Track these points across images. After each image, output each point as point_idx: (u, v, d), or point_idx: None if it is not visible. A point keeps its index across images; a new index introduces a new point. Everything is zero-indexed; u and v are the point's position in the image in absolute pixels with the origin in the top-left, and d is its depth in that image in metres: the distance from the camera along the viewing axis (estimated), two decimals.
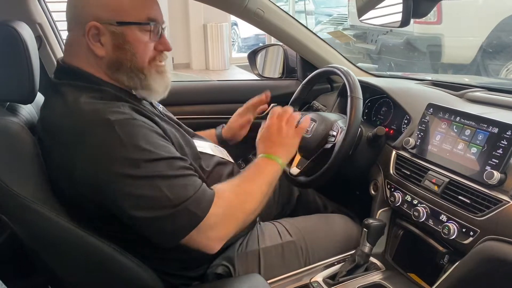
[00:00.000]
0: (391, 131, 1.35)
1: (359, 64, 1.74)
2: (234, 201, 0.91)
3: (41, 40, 1.35)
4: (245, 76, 6.62)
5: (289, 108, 1.09)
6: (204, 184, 0.88)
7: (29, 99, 0.95)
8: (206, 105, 1.72)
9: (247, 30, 8.56)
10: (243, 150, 1.80)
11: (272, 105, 1.81)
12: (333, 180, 1.19)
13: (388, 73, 2.14)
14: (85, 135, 0.82)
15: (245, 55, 1.87)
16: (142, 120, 0.86)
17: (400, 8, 0.83)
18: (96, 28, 0.88)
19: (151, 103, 1.05)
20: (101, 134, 0.81)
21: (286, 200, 1.39)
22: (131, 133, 0.82)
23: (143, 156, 0.82)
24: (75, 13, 0.92)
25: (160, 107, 1.12)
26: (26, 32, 0.92)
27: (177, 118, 1.15)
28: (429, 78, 1.54)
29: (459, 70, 4.21)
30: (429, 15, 4.03)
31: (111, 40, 0.89)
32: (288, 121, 1.06)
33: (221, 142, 1.36)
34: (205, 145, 1.14)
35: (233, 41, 8.59)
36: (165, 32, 0.97)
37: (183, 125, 1.14)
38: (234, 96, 1.75)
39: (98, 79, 0.91)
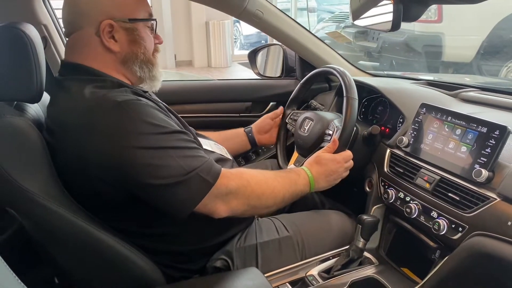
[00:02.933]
0: (387, 130, 1.38)
1: (360, 62, 1.77)
2: (253, 185, 0.99)
3: (46, 40, 1.39)
4: (247, 73, 6.64)
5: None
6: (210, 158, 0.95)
7: (36, 98, 0.98)
8: (206, 104, 1.76)
9: (249, 27, 8.52)
10: None
11: (271, 103, 1.85)
12: None
13: (385, 72, 2.17)
14: (94, 120, 0.87)
15: (247, 52, 1.90)
16: (146, 102, 0.92)
17: (391, 12, 0.86)
18: (110, 25, 0.94)
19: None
20: (110, 115, 0.86)
21: None
22: (139, 111, 0.88)
23: (153, 129, 0.88)
24: (82, 14, 0.96)
25: (162, 104, 1.16)
26: (32, 33, 0.95)
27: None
28: (425, 78, 1.57)
29: (460, 68, 4.21)
30: (430, 13, 4.05)
31: (126, 36, 0.97)
32: (346, 168, 1.18)
33: (254, 145, 1.50)
34: (205, 143, 1.18)
35: (235, 39, 8.60)
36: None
37: (185, 123, 1.18)
38: (234, 95, 1.78)
39: (101, 72, 0.96)
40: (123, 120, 0.86)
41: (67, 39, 1.00)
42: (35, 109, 1.04)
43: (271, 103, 1.82)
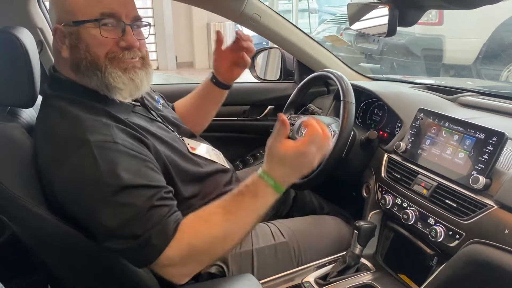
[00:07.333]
0: (385, 134, 1.37)
1: (361, 64, 1.76)
2: (202, 247, 0.85)
3: (42, 44, 1.38)
4: (248, 74, 6.63)
5: (325, 128, 0.87)
6: (168, 218, 0.83)
7: (30, 103, 0.97)
8: None
9: None
10: (240, 150, 1.84)
11: (269, 106, 1.84)
12: (328, 182, 1.22)
13: (384, 76, 2.16)
14: (64, 157, 0.83)
15: None
16: (123, 144, 0.85)
17: (387, 17, 0.85)
18: (60, 31, 0.91)
19: (144, 102, 1.06)
20: (78, 157, 0.82)
21: (282, 201, 1.41)
22: (109, 158, 0.81)
23: (116, 182, 0.80)
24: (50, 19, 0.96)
25: (160, 103, 1.15)
26: (26, 38, 0.95)
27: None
28: (424, 81, 1.56)
29: (461, 71, 4.20)
30: (430, 16, 4.04)
31: (69, 40, 0.90)
32: (321, 147, 0.86)
33: (219, 85, 1.30)
34: (202, 147, 1.17)
35: None
36: (143, 28, 0.97)
37: (182, 124, 1.17)
38: (231, 98, 1.76)
39: (83, 87, 0.92)
40: (88, 166, 0.81)
41: None
42: (29, 114, 1.04)
43: (269, 107, 1.82)
